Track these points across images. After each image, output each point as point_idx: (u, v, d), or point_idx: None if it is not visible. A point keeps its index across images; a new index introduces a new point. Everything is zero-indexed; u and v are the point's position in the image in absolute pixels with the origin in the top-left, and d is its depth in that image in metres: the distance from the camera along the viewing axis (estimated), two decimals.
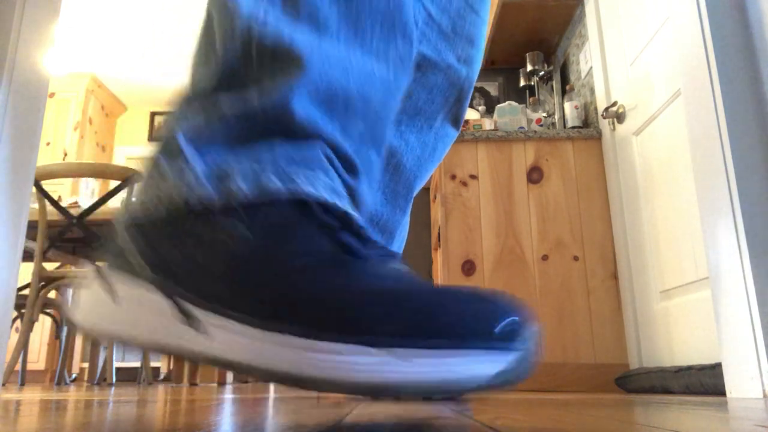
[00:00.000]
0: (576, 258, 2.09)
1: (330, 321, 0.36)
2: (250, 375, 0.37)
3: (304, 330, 0.36)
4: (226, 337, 0.37)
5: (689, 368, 1.50)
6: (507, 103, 2.54)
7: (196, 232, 0.41)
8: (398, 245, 0.92)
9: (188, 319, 0.39)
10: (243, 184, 0.41)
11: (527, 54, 2.79)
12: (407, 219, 0.91)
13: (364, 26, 0.49)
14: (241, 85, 0.46)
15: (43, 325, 3.98)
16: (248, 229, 0.40)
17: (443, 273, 2.09)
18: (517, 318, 0.37)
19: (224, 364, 0.38)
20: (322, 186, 0.43)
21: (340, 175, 0.46)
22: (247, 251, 0.40)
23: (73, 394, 1.22)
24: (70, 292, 2.80)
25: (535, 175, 2.18)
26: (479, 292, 0.38)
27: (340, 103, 0.46)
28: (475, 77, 0.77)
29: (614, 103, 2.12)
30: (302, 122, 0.44)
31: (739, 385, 1.25)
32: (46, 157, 4.45)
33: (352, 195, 0.48)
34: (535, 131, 2.21)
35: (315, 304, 0.37)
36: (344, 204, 0.44)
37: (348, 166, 0.47)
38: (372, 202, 0.52)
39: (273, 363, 0.36)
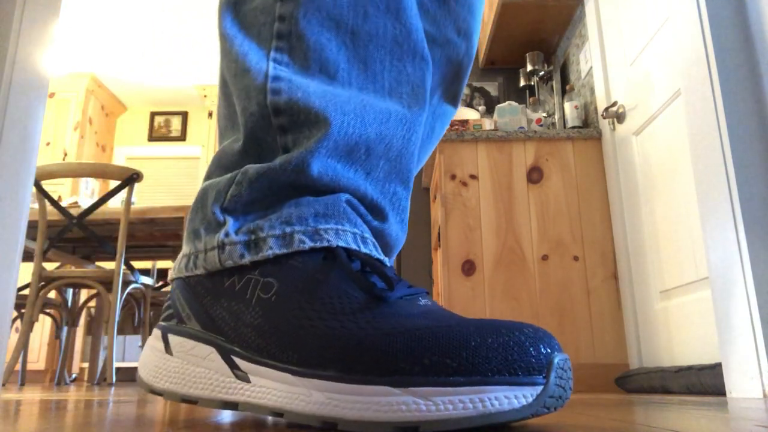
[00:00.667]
0: (576, 258, 2.09)
1: (356, 363, 0.37)
2: (286, 419, 0.39)
3: (332, 373, 0.37)
4: (265, 383, 0.40)
5: (689, 368, 1.49)
6: (507, 103, 2.54)
7: (235, 290, 0.44)
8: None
9: (233, 370, 0.42)
10: (275, 248, 0.44)
11: (527, 54, 2.79)
12: (408, 205, 0.91)
13: (374, 61, 0.49)
14: (267, 152, 0.48)
15: (43, 325, 3.98)
16: (279, 282, 0.43)
17: (443, 273, 2.09)
18: (543, 349, 0.36)
19: (263, 410, 0.40)
20: (351, 237, 0.45)
21: (366, 222, 0.48)
22: (279, 303, 0.42)
23: (73, 394, 1.22)
24: (70, 292, 2.80)
25: (535, 175, 2.18)
26: (505, 324, 0.37)
27: (362, 152, 0.48)
28: (475, 50, 0.74)
29: (614, 103, 2.12)
30: (322, 180, 0.46)
31: (739, 385, 1.25)
32: (46, 157, 4.45)
33: (381, 236, 0.50)
34: (535, 131, 2.21)
35: (342, 347, 0.38)
36: (370, 249, 0.46)
37: (374, 211, 0.49)
38: (398, 237, 0.53)
39: (304, 406, 0.38)
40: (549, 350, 0.36)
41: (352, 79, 0.48)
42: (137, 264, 4.17)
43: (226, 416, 0.54)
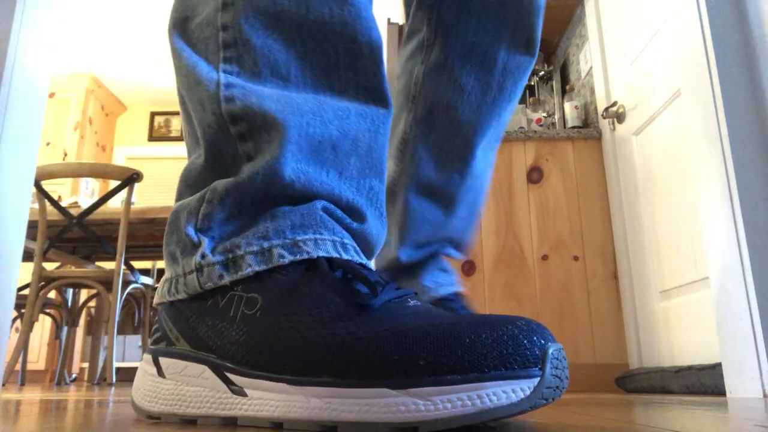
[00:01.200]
0: (576, 258, 2.09)
1: (351, 368, 0.37)
2: (286, 427, 0.39)
3: (327, 379, 0.37)
4: (261, 395, 0.40)
5: (689, 368, 1.49)
6: None
7: (218, 308, 0.44)
8: (465, 211, 0.85)
9: (228, 385, 0.42)
10: (254, 265, 0.43)
11: None
12: (476, 181, 0.82)
13: (327, 52, 0.48)
14: (230, 163, 0.47)
15: (43, 325, 3.98)
16: (263, 297, 0.42)
17: None
18: (537, 341, 0.36)
19: (262, 422, 0.40)
20: (330, 245, 0.44)
21: (345, 225, 0.47)
22: (264, 318, 0.41)
23: (73, 394, 1.22)
24: (70, 292, 2.80)
25: (535, 175, 2.18)
26: (498, 319, 0.37)
27: (328, 151, 0.47)
28: None
29: (614, 103, 2.12)
30: (295, 185, 0.45)
31: (739, 385, 1.25)
32: (46, 157, 4.45)
33: (362, 239, 0.49)
34: (535, 131, 2.21)
35: (335, 354, 0.38)
36: (351, 255, 0.45)
37: (352, 213, 0.48)
38: (379, 233, 0.52)
39: (302, 413, 0.38)
40: (543, 341, 0.36)
41: (306, 77, 0.47)
42: (137, 264, 4.17)
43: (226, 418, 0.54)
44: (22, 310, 2.79)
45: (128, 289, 2.50)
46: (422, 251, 0.87)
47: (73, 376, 4.07)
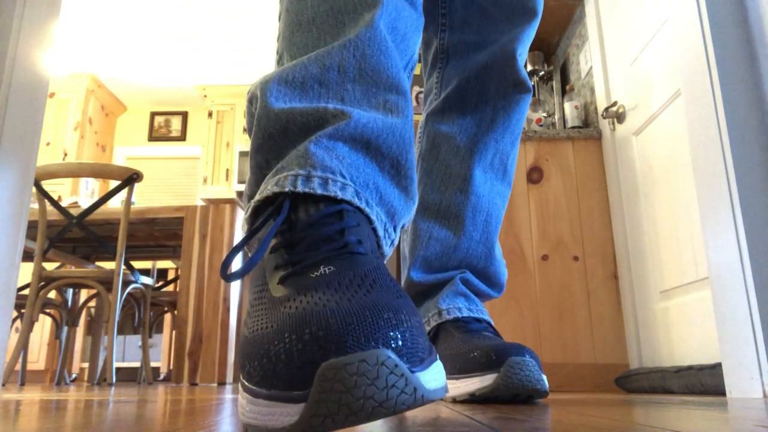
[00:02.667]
0: (576, 258, 2.09)
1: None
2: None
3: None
4: None
5: (689, 368, 1.49)
6: None
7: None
8: (478, 234, 0.90)
9: None
10: (248, 213, 0.48)
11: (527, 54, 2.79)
12: (481, 201, 0.89)
13: (335, 25, 0.54)
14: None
15: (43, 325, 3.98)
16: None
17: None
18: (308, 357, 0.31)
19: None
20: (290, 180, 0.44)
21: (336, 137, 0.47)
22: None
23: (73, 394, 1.22)
24: (70, 292, 2.80)
25: (535, 175, 2.18)
26: (299, 324, 0.33)
27: (316, 87, 0.51)
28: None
29: (614, 103, 2.12)
30: (281, 117, 0.49)
31: (739, 385, 1.25)
32: (46, 157, 4.45)
33: (359, 138, 0.48)
34: (535, 131, 2.21)
35: (240, 354, 0.40)
36: (311, 187, 0.44)
37: (338, 119, 0.48)
38: (383, 123, 0.51)
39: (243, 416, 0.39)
40: (316, 358, 0.30)
41: (309, 47, 0.54)
42: (137, 264, 4.17)
43: (226, 419, 0.54)
44: (22, 310, 2.79)
45: (128, 289, 2.50)
46: (438, 275, 0.92)
47: (73, 376, 4.07)
